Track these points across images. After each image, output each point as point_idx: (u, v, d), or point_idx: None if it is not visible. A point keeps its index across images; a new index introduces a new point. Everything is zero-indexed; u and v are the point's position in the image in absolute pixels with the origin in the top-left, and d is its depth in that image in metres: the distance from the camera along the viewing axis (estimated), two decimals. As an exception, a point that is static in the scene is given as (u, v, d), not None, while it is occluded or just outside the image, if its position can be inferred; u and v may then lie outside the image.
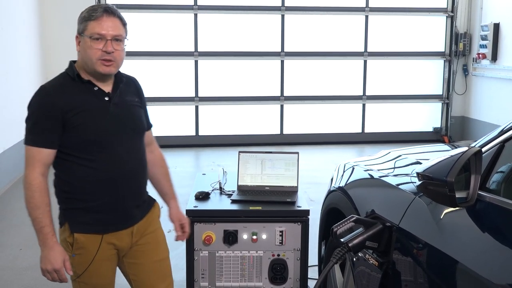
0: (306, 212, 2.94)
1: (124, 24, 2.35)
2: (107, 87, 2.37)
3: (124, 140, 2.37)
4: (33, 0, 8.11)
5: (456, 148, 2.48)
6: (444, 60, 9.58)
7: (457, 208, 1.84)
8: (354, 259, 2.44)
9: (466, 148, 1.83)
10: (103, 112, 2.33)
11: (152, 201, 2.60)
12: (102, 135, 2.31)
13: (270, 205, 2.99)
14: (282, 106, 9.35)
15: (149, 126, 2.62)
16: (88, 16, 2.30)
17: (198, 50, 8.91)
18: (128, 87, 2.47)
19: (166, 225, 2.67)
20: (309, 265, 3.02)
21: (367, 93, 9.49)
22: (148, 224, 2.51)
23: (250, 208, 2.93)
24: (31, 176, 2.25)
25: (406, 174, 2.56)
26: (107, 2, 8.72)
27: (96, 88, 2.34)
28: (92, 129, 2.29)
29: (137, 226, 2.46)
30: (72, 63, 2.40)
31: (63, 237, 2.38)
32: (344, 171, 3.09)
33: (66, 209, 2.38)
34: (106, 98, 2.35)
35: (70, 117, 2.26)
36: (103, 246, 2.36)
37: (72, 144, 2.29)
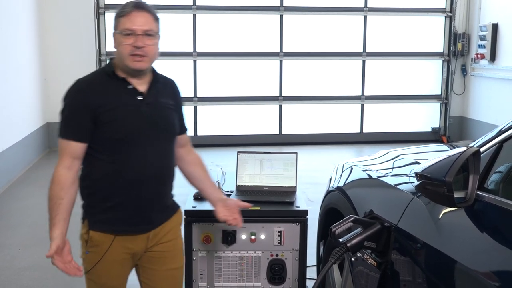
0: (305, 212, 2.93)
1: (156, 19, 2.33)
2: (142, 86, 2.34)
3: (152, 141, 2.33)
4: (32, 1, 8.11)
5: (454, 148, 2.49)
6: (443, 60, 9.59)
7: (455, 208, 1.84)
8: (353, 259, 2.44)
9: (464, 148, 1.83)
10: (134, 111, 2.30)
11: (176, 207, 2.55)
12: (130, 134, 2.28)
13: (269, 205, 2.98)
14: (280, 106, 9.35)
15: (183, 130, 2.57)
16: (119, 13, 2.30)
17: (197, 50, 8.91)
18: (164, 89, 2.44)
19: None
20: (307, 265, 3.03)
21: (366, 93, 9.50)
22: (167, 231, 2.46)
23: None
24: (56, 169, 2.28)
25: (405, 174, 2.56)
26: (105, 2, 8.71)
27: (130, 87, 2.32)
28: (120, 127, 2.27)
29: (155, 232, 2.41)
30: (111, 60, 2.39)
31: (82, 232, 2.39)
32: (342, 171, 3.09)
33: (86, 205, 2.38)
34: (140, 98, 2.32)
35: (100, 113, 2.25)
36: (114, 247, 2.33)
37: (99, 140, 2.28)
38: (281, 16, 9.10)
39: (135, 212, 2.33)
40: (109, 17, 8.76)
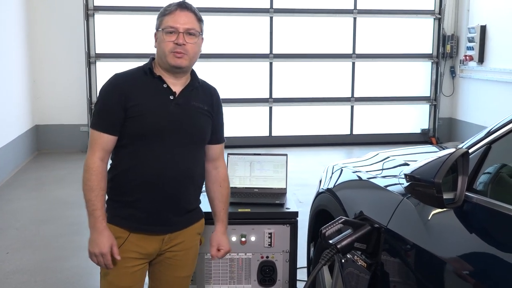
0: (295, 214, 2.94)
1: (199, 19, 2.38)
2: (176, 87, 2.35)
3: (175, 142, 2.32)
4: (21, 2, 8.06)
5: (443, 149, 2.50)
6: (432, 62, 9.64)
7: (444, 209, 1.85)
8: (343, 260, 2.44)
9: (453, 150, 1.84)
10: (161, 110, 2.31)
11: (199, 216, 2.53)
12: (152, 132, 2.29)
13: (259, 207, 2.98)
14: (271, 108, 9.35)
15: (219, 140, 2.54)
16: (163, 11, 2.35)
17: (187, 52, 8.88)
18: (202, 94, 2.43)
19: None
20: (298, 267, 3.03)
21: (356, 95, 9.53)
22: (184, 238, 2.44)
23: (239, 210, 2.93)
24: (90, 159, 2.28)
25: (394, 176, 2.57)
26: (94, 4, 8.67)
27: (165, 86, 2.34)
28: (144, 124, 2.28)
29: (170, 236, 2.39)
30: (152, 58, 2.41)
31: None
32: (332, 173, 3.10)
33: (109, 199, 2.39)
34: (171, 97, 2.33)
35: (130, 107, 2.27)
36: (128, 244, 2.33)
37: (124, 135, 2.30)
38: (271, 18, 9.11)
39: (151, 212, 2.33)
40: (99, 19, 8.73)
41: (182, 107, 2.34)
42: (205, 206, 2.92)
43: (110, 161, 2.39)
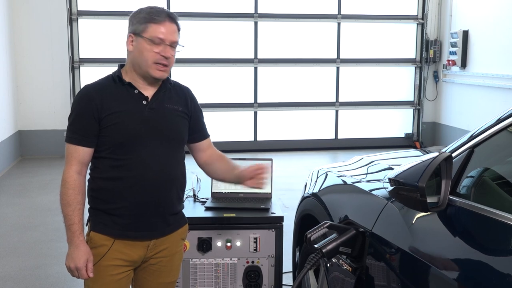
0: (280, 219, 2.94)
1: (179, 30, 2.37)
2: (148, 92, 2.34)
3: (154, 146, 2.31)
4: (4, 7, 8.00)
5: (427, 153, 2.52)
6: (415, 67, 9.72)
7: (428, 213, 1.86)
8: (328, 264, 2.45)
9: (436, 154, 1.85)
10: (136, 116, 2.29)
11: (183, 222, 2.51)
12: (131, 138, 2.27)
13: (244, 212, 2.98)
14: (255, 113, 9.36)
15: (204, 136, 2.54)
16: (150, 18, 2.28)
17: (171, 57, 8.86)
18: (175, 95, 2.42)
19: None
20: (283, 271, 3.03)
21: (340, 100, 9.57)
22: (168, 244, 2.43)
23: (224, 215, 2.93)
24: (67, 174, 2.27)
25: (379, 180, 2.58)
26: (78, 8, 8.63)
27: (136, 91, 2.32)
28: (122, 132, 2.27)
29: (155, 242, 2.38)
30: (120, 65, 2.39)
31: (85, 234, 2.37)
32: (317, 177, 3.10)
33: (91, 207, 2.37)
34: (144, 102, 2.32)
35: (104, 118, 2.25)
36: (112, 252, 2.31)
37: (102, 144, 2.28)
38: (256, 23, 9.13)
39: (135, 217, 2.32)
40: (82, 24, 8.69)
41: (156, 111, 2.33)
42: (188, 212, 2.92)
43: (89, 171, 2.37)
